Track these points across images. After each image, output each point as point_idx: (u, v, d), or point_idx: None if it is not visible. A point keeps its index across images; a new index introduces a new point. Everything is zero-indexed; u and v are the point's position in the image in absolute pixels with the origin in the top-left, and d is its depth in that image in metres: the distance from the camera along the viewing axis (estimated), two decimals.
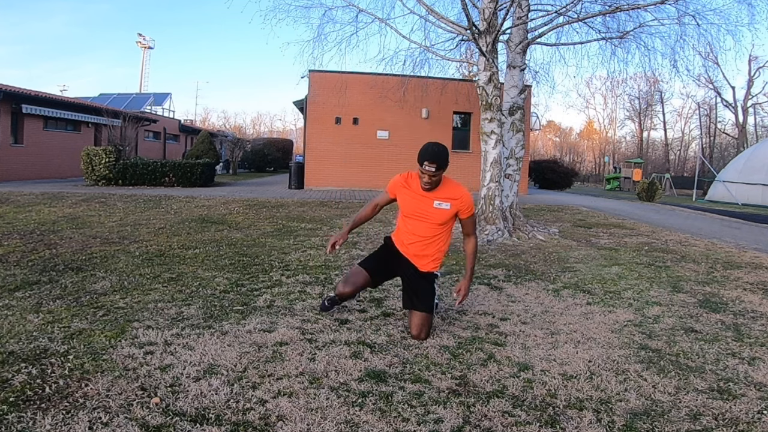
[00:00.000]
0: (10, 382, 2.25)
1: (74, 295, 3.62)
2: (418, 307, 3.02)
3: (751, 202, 20.28)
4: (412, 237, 3.10)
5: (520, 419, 2.13)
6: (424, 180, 2.91)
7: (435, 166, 2.82)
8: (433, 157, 2.82)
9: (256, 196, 11.93)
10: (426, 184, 2.93)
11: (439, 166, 2.83)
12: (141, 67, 45.54)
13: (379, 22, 8.47)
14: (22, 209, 8.26)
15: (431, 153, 2.83)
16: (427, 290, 3.09)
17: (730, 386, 2.51)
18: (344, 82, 14.06)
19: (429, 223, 3.05)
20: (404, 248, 3.16)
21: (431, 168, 2.83)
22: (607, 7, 8.06)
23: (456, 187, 3.05)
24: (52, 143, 17.07)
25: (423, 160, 2.84)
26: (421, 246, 3.10)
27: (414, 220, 3.07)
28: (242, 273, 4.50)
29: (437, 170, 2.84)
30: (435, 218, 3.03)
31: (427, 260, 3.12)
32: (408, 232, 3.11)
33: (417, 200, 3.03)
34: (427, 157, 2.82)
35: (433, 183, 2.94)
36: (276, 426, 2.00)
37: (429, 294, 3.08)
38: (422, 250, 3.10)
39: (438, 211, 3.01)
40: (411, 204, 3.05)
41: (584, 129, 62.38)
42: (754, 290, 4.54)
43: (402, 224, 3.17)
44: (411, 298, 3.08)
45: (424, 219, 3.05)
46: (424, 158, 2.84)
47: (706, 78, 29.24)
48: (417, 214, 3.05)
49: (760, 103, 35.94)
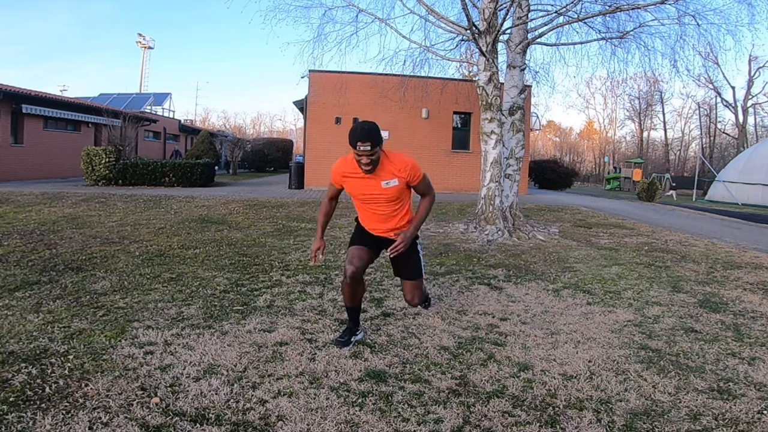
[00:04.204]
0: (10, 382, 2.25)
1: (74, 295, 3.62)
2: (408, 276, 3.02)
3: (751, 202, 20.28)
4: (374, 216, 2.98)
5: (520, 419, 2.13)
6: (363, 162, 2.69)
7: (369, 145, 2.61)
8: (364, 136, 2.61)
9: (256, 196, 11.93)
10: (366, 166, 2.70)
11: (373, 144, 2.62)
12: (141, 67, 45.48)
13: (379, 22, 8.48)
14: (22, 209, 8.26)
15: (361, 132, 2.62)
16: (413, 257, 3.03)
17: (730, 386, 2.51)
18: (344, 82, 14.05)
19: (381, 203, 2.91)
20: (373, 228, 3.02)
21: (366, 147, 2.61)
22: (607, 7, 8.06)
23: (398, 160, 2.84)
24: (52, 143, 17.06)
25: (355, 141, 2.62)
26: (382, 221, 2.97)
27: (366, 202, 2.95)
28: (242, 273, 4.50)
29: (372, 148, 2.63)
30: (386, 196, 2.87)
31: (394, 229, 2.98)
32: (368, 212, 2.99)
33: (364, 184, 2.85)
34: (358, 137, 2.61)
35: (373, 163, 2.71)
36: (276, 426, 2.00)
37: (415, 260, 3.04)
38: (385, 224, 2.98)
39: (388, 190, 2.84)
40: (359, 189, 2.89)
41: (584, 129, 62.38)
42: (754, 290, 4.54)
43: (359, 207, 3.04)
44: (398, 267, 3.05)
45: (375, 200, 2.90)
46: (356, 140, 2.62)
47: (706, 78, 29.25)
48: (368, 197, 2.90)
49: (760, 103, 35.95)
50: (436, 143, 15.73)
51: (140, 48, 45.52)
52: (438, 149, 15.77)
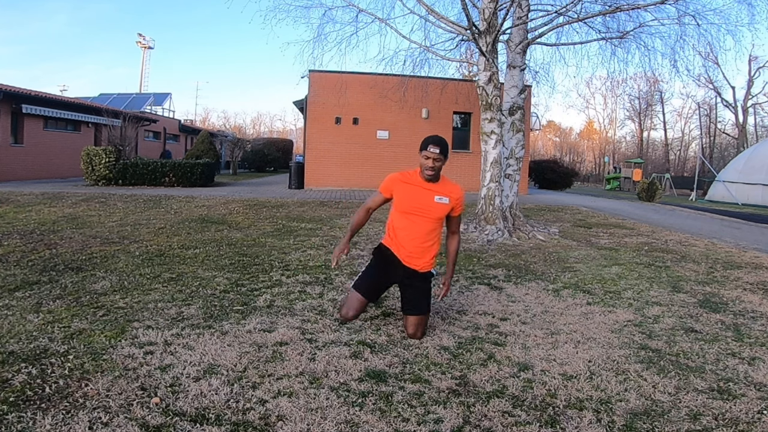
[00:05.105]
0: (10, 382, 2.25)
1: (74, 295, 3.62)
2: (415, 312, 3.05)
3: (751, 202, 20.28)
4: (410, 234, 3.07)
5: (520, 419, 2.13)
6: (428, 165, 2.95)
7: (439, 150, 2.92)
8: (437, 141, 2.94)
9: (256, 196, 11.93)
10: (429, 169, 2.96)
11: (441, 151, 2.93)
12: (141, 67, 45.51)
13: (379, 22, 8.48)
14: (22, 209, 8.26)
15: (435, 138, 2.96)
16: (425, 292, 3.12)
17: (730, 386, 2.51)
18: (344, 82, 14.05)
19: (427, 218, 3.06)
20: (401, 250, 3.12)
21: (436, 151, 2.91)
22: (607, 7, 8.06)
23: (453, 184, 3.15)
24: (52, 143, 17.06)
25: (427, 144, 2.94)
26: (419, 243, 3.08)
27: (413, 215, 3.06)
28: (242, 273, 4.50)
29: (440, 154, 2.93)
30: (434, 212, 3.05)
31: (425, 258, 3.12)
32: (405, 229, 3.09)
33: (418, 194, 3.04)
34: (432, 141, 2.94)
35: (436, 169, 2.98)
36: (276, 426, 2.00)
37: (426, 296, 3.11)
38: (420, 247, 3.09)
39: (438, 206, 3.04)
40: (411, 198, 3.05)
41: (584, 129, 62.39)
42: (754, 290, 4.54)
43: (397, 223, 3.12)
44: (409, 303, 3.09)
45: (423, 214, 3.05)
46: (428, 143, 2.94)
47: (706, 78, 29.27)
48: (417, 209, 3.05)
49: (760, 103, 35.98)
50: None
51: (140, 48, 45.56)
52: None
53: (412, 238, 3.08)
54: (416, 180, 3.06)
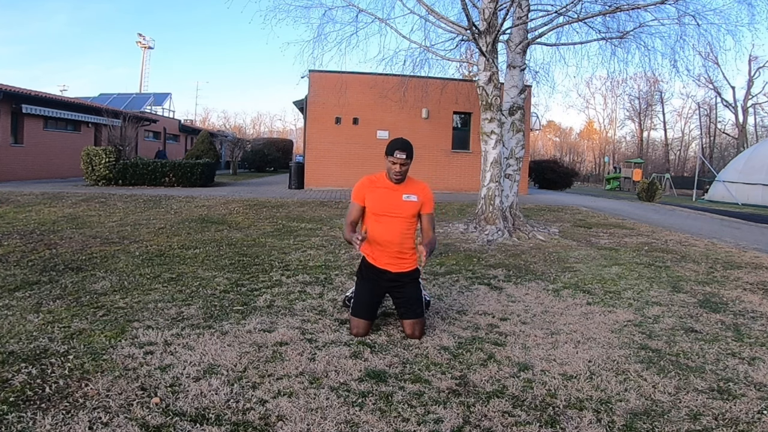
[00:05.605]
0: (10, 382, 2.25)
1: (74, 295, 3.62)
2: (414, 315, 3.06)
3: (751, 202, 20.28)
4: (387, 236, 3.11)
5: (520, 419, 2.13)
6: (395, 170, 3.07)
7: (405, 154, 3.04)
8: (403, 146, 3.06)
9: (256, 196, 11.93)
10: (396, 174, 3.08)
11: (408, 155, 3.05)
12: (141, 67, 45.49)
13: (379, 22, 8.48)
14: (22, 209, 8.26)
15: (401, 143, 3.08)
16: (416, 293, 3.14)
17: (730, 386, 2.51)
18: (344, 82, 14.05)
19: (399, 218, 3.12)
20: (381, 256, 3.13)
21: (402, 155, 3.03)
22: (607, 7, 8.06)
23: (418, 182, 3.24)
24: (52, 143, 17.06)
25: (394, 149, 3.05)
26: (397, 244, 3.12)
27: (384, 216, 3.12)
28: (242, 273, 4.50)
29: (407, 158, 3.05)
30: (405, 211, 3.13)
31: (406, 257, 3.16)
32: (380, 234, 3.12)
33: (387, 196, 3.13)
34: (397, 146, 3.06)
35: (403, 173, 3.10)
36: (276, 426, 2.00)
37: (418, 297, 3.13)
38: (399, 248, 3.13)
39: (407, 204, 3.14)
40: (381, 201, 3.13)
41: (584, 129, 62.38)
42: (754, 290, 4.54)
43: (373, 228, 3.15)
44: (403, 307, 3.10)
45: (394, 214, 3.11)
46: (394, 148, 3.06)
47: (706, 78, 29.29)
48: (387, 210, 3.12)
49: (760, 103, 36.00)
50: (436, 143, 15.73)
51: (140, 48, 45.55)
52: (438, 149, 15.77)
53: (389, 241, 3.12)
54: (384, 182, 3.18)
